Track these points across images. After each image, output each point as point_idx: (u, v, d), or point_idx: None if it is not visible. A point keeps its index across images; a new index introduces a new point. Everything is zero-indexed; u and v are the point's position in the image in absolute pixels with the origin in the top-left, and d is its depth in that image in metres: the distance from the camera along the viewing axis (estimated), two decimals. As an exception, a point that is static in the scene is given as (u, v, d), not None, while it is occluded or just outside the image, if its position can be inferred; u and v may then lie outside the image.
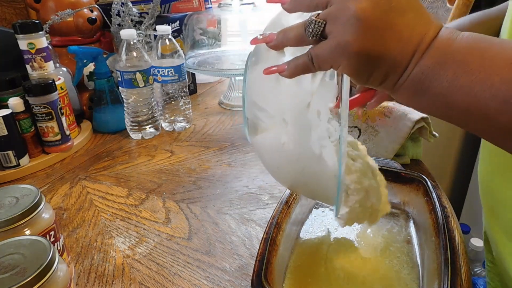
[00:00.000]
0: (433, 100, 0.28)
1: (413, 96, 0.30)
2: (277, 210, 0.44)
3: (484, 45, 0.27)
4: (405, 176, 0.50)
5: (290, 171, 0.37)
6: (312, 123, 0.33)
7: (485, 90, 0.26)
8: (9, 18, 0.99)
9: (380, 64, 0.29)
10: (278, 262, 0.40)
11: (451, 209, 0.49)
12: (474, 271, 1.28)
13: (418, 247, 0.44)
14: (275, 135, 0.35)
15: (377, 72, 0.29)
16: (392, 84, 0.30)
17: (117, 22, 0.87)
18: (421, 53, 0.28)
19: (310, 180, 0.36)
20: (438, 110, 0.29)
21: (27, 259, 0.30)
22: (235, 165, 0.69)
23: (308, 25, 0.30)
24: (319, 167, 0.34)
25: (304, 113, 0.33)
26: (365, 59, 0.28)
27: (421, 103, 0.30)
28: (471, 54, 0.26)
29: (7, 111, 0.63)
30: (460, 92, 0.27)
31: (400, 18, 0.28)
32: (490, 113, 0.26)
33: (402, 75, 0.29)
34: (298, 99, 0.33)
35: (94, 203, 0.59)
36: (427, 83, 0.28)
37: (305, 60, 0.31)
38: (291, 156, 0.35)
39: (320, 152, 0.33)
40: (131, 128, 0.80)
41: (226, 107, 0.97)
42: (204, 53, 1.04)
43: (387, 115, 0.64)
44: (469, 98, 0.26)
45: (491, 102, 0.25)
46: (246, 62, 0.36)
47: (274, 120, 0.35)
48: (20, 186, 0.40)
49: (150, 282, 0.44)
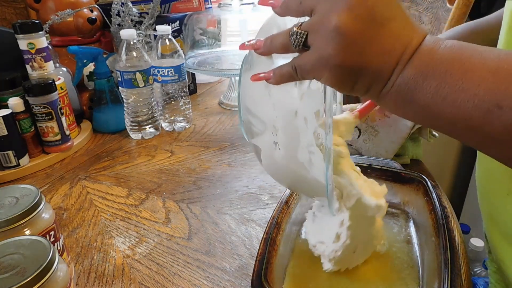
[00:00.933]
0: (418, 110, 0.28)
1: (398, 105, 0.30)
2: (277, 210, 0.44)
3: (467, 55, 0.26)
4: (405, 176, 0.50)
5: (284, 175, 0.38)
6: (300, 130, 0.33)
7: (468, 100, 0.25)
8: (9, 18, 0.99)
9: (363, 74, 0.29)
10: (278, 262, 0.40)
11: (451, 209, 0.49)
12: (474, 271, 1.28)
13: (418, 247, 0.44)
14: (268, 140, 0.36)
15: (360, 83, 0.29)
16: (376, 93, 0.30)
17: (117, 22, 0.87)
18: (404, 63, 0.28)
19: (303, 183, 0.37)
20: (424, 120, 0.29)
21: (27, 259, 0.30)
22: (235, 165, 0.69)
23: (291, 35, 0.30)
24: (308, 173, 0.34)
25: (292, 120, 0.34)
26: (347, 72, 0.28)
27: (406, 113, 0.30)
28: (453, 64, 0.26)
29: (7, 111, 0.63)
30: (443, 103, 0.26)
31: (382, 29, 0.27)
32: (474, 123, 0.26)
33: (385, 85, 0.29)
34: (286, 107, 0.34)
35: (94, 203, 0.59)
36: (411, 94, 0.28)
37: (289, 70, 0.32)
38: (283, 161, 0.36)
39: (308, 159, 0.34)
40: (131, 128, 0.80)
41: (226, 107, 0.97)
42: (204, 53, 1.04)
43: (387, 115, 0.64)
44: (452, 109, 0.26)
45: (474, 112, 0.25)
46: (241, 66, 0.37)
47: (265, 126, 0.36)
48: (20, 186, 0.40)
49: (150, 282, 0.44)
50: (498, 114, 0.24)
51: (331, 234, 0.39)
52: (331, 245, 0.39)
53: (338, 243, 0.39)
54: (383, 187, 0.43)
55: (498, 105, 0.24)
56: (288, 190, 0.48)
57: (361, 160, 0.54)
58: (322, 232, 0.42)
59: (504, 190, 0.42)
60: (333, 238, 0.39)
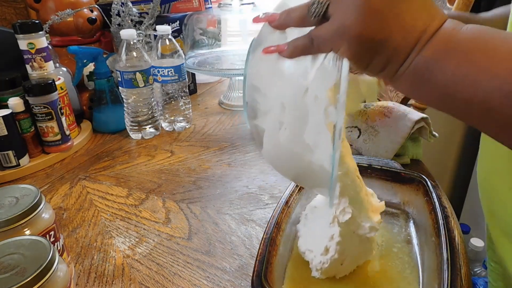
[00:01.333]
0: (434, 91, 0.28)
1: (414, 86, 0.29)
2: (277, 210, 0.44)
3: (489, 36, 0.26)
4: (405, 176, 0.50)
5: (286, 160, 0.36)
6: (309, 108, 0.32)
7: (488, 80, 0.25)
8: (9, 18, 0.99)
9: (382, 50, 0.28)
10: (278, 262, 0.40)
11: (451, 209, 0.49)
12: (474, 271, 1.28)
13: (418, 247, 0.44)
14: (273, 120, 0.35)
15: (377, 59, 0.29)
16: (392, 73, 0.29)
17: (117, 22, 0.87)
18: (423, 43, 0.27)
19: (306, 170, 0.35)
20: (439, 102, 0.29)
21: (27, 259, 0.30)
22: (235, 165, 0.69)
23: (311, 5, 0.30)
24: (313, 156, 0.33)
25: (302, 97, 0.32)
26: (366, 44, 0.28)
27: (421, 94, 0.29)
28: (475, 45, 0.26)
29: (7, 111, 0.63)
30: (462, 82, 0.26)
31: (405, 5, 0.27)
32: (492, 105, 0.25)
33: (402, 64, 0.28)
34: (296, 83, 0.33)
35: (94, 203, 0.59)
36: (429, 74, 0.27)
37: (305, 41, 0.31)
38: (287, 143, 0.34)
39: (315, 139, 0.32)
40: (131, 128, 0.80)
41: (226, 107, 0.97)
42: (204, 53, 1.04)
43: (387, 115, 0.64)
44: (471, 89, 0.26)
45: (494, 93, 0.25)
46: (249, 46, 0.36)
47: (272, 104, 0.35)
48: (20, 186, 0.40)
49: (150, 282, 0.44)
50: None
51: (320, 245, 0.39)
52: (319, 257, 0.39)
53: (326, 256, 0.38)
54: (381, 204, 0.43)
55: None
56: (288, 190, 0.48)
57: (361, 160, 0.54)
58: (313, 238, 0.41)
59: (506, 185, 0.42)
60: (322, 250, 0.38)
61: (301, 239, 0.42)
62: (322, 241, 0.39)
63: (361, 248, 0.40)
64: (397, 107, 0.64)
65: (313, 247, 0.40)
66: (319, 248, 0.39)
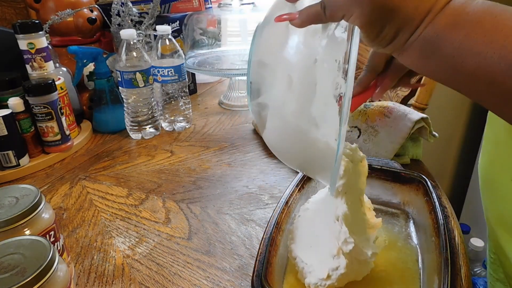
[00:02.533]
0: (441, 62, 0.28)
1: (421, 57, 0.30)
2: (277, 210, 0.44)
3: (498, 11, 0.27)
4: (405, 176, 0.50)
5: (290, 139, 0.36)
6: (318, 79, 0.32)
7: (495, 51, 0.25)
8: (9, 18, 0.99)
9: (394, 17, 0.28)
10: (278, 262, 0.40)
11: (451, 209, 0.49)
12: (474, 271, 1.28)
13: (418, 247, 0.44)
14: (279, 94, 0.34)
15: (388, 27, 0.29)
16: (401, 43, 0.30)
17: (117, 22, 0.87)
18: (435, 13, 0.28)
19: (310, 150, 0.35)
20: (444, 73, 0.29)
21: (27, 259, 0.30)
22: (235, 165, 0.69)
23: None
24: (319, 132, 0.33)
25: (310, 68, 0.32)
26: (379, 11, 0.28)
27: (427, 65, 0.30)
28: (484, 17, 0.26)
29: (7, 111, 0.63)
30: (470, 52, 0.27)
31: None
32: (497, 77, 0.26)
33: (413, 33, 0.29)
34: (305, 55, 0.33)
35: (94, 203, 0.59)
36: (438, 44, 0.28)
37: (317, 9, 0.31)
38: (293, 119, 0.34)
39: (322, 113, 0.32)
40: (131, 128, 0.80)
41: (226, 107, 0.97)
42: (204, 53, 1.04)
43: (387, 115, 0.64)
44: (477, 60, 0.26)
45: (499, 65, 0.25)
46: (257, 25, 0.36)
47: (280, 77, 0.34)
48: (20, 186, 0.40)
49: (150, 282, 0.44)
50: None
51: (322, 269, 0.37)
52: (317, 278, 0.37)
53: (325, 281, 0.37)
54: (378, 221, 0.43)
55: None
56: (288, 190, 0.48)
57: (361, 160, 0.53)
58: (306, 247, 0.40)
59: (508, 176, 0.42)
60: (324, 275, 0.37)
61: (293, 244, 0.42)
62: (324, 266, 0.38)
63: (360, 270, 0.39)
64: (397, 107, 0.64)
65: (307, 260, 0.39)
66: (317, 268, 0.38)
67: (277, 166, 0.68)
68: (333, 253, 0.37)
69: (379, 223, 0.42)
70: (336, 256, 0.37)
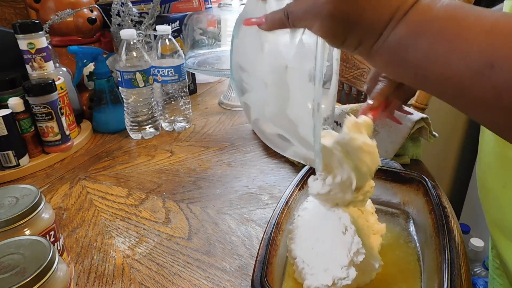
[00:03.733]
0: (409, 69, 0.28)
1: (389, 64, 0.29)
2: (277, 210, 0.44)
3: (463, 14, 0.26)
4: (405, 176, 0.50)
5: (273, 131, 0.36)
6: (290, 86, 0.32)
7: (460, 59, 0.25)
8: (9, 18, 0.99)
9: (354, 28, 0.28)
10: (278, 262, 0.40)
11: (451, 209, 0.49)
12: (474, 271, 1.28)
13: (418, 247, 0.44)
14: (258, 97, 0.35)
15: (351, 37, 0.29)
16: (366, 50, 0.29)
17: (117, 22, 0.87)
18: (397, 20, 0.27)
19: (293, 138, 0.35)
20: (414, 81, 0.29)
21: (27, 259, 0.30)
22: (235, 165, 0.69)
23: None
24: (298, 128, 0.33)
25: (282, 75, 0.32)
26: (339, 23, 0.28)
27: (396, 72, 0.29)
28: (449, 23, 0.26)
29: (7, 111, 0.63)
30: (435, 63, 0.26)
31: None
32: (464, 84, 0.25)
33: (377, 41, 0.28)
34: (276, 62, 0.33)
35: (94, 203, 0.59)
36: (403, 52, 0.27)
37: (281, 15, 0.31)
38: (273, 118, 0.34)
39: (297, 115, 0.32)
40: (131, 128, 0.80)
41: (226, 107, 0.97)
42: (204, 53, 1.04)
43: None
44: (444, 69, 0.26)
45: (465, 73, 0.25)
46: (235, 24, 0.36)
47: (256, 82, 0.35)
48: (20, 186, 0.40)
49: (150, 282, 0.44)
50: (488, 74, 0.24)
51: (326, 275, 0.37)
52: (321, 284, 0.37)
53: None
54: (382, 226, 0.43)
55: (490, 64, 0.24)
56: (288, 190, 0.48)
57: (361, 160, 0.53)
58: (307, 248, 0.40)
59: (500, 183, 0.42)
60: (328, 282, 0.37)
61: (293, 244, 0.42)
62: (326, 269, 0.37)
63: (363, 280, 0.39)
64: (397, 107, 0.64)
65: (309, 262, 0.39)
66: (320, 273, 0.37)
67: (277, 166, 0.68)
68: (343, 263, 0.37)
69: (383, 229, 0.42)
70: (347, 267, 0.37)
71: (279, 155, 0.71)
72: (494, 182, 0.44)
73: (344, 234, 0.38)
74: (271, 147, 0.40)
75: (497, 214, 0.45)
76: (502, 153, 0.42)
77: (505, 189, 0.41)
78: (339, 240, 0.38)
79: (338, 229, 0.39)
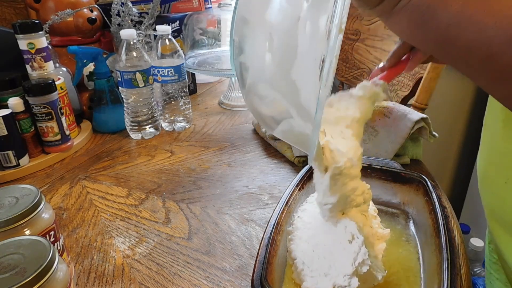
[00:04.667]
0: (435, 32, 0.26)
1: (412, 25, 0.27)
2: (277, 210, 0.44)
3: None
4: (405, 176, 0.50)
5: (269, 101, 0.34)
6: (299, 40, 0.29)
7: (495, 22, 0.23)
8: (9, 18, 0.99)
9: None
10: (278, 262, 0.40)
11: (451, 209, 0.49)
12: (474, 271, 1.28)
13: (418, 247, 0.44)
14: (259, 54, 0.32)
15: None
16: (390, 6, 0.27)
17: (117, 22, 0.87)
18: None
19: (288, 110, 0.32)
20: (437, 45, 0.27)
21: (27, 259, 0.30)
22: (235, 165, 0.69)
23: None
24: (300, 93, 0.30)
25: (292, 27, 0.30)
26: None
27: (419, 35, 0.27)
28: None
29: (7, 111, 0.63)
30: (466, 24, 0.24)
31: None
32: (493, 50, 0.23)
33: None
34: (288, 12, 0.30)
35: (94, 203, 0.59)
36: (431, 12, 0.25)
37: None
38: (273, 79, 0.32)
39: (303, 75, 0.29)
40: (131, 128, 0.80)
41: (226, 107, 0.97)
42: (204, 53, 1.04)
43: (387, 115, 0.64)
44: (475, 32, 0.24)
45: (496, 38, 0.23)
46: None
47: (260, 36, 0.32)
48: (20, 186, 0.40)
49: (150, 282, 0.44)
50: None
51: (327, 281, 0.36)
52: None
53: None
54: (386, 231, 0.42)
55: None
56: (288, 190, 0.48)
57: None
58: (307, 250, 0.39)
59: (502, 178, 0.42)
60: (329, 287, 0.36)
61: (293, 245, 0.41)
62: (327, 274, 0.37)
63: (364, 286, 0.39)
64: (397, 107, 0.64)
65: (309, 264, 0.38)
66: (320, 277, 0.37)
67: (277, 166, 0.68)
68: (346, 272, 0.36)
69: (387, 235, 0.42)
70: (350, 276, 0.36)
71: (279, 155, 0.71)
72: (496, 177, 0.44)
73: (351, 242, 0.37)
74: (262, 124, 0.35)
75: (497, 208, 0.45)
76: (505, 149, 0.41)
77: (507, 184, 0.41)
78: (344, 248, 0.38)
79: (343, 236, 0.38)
